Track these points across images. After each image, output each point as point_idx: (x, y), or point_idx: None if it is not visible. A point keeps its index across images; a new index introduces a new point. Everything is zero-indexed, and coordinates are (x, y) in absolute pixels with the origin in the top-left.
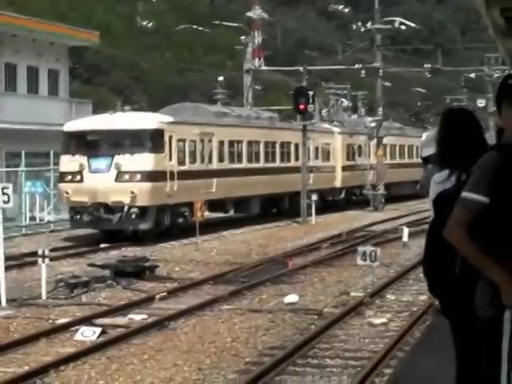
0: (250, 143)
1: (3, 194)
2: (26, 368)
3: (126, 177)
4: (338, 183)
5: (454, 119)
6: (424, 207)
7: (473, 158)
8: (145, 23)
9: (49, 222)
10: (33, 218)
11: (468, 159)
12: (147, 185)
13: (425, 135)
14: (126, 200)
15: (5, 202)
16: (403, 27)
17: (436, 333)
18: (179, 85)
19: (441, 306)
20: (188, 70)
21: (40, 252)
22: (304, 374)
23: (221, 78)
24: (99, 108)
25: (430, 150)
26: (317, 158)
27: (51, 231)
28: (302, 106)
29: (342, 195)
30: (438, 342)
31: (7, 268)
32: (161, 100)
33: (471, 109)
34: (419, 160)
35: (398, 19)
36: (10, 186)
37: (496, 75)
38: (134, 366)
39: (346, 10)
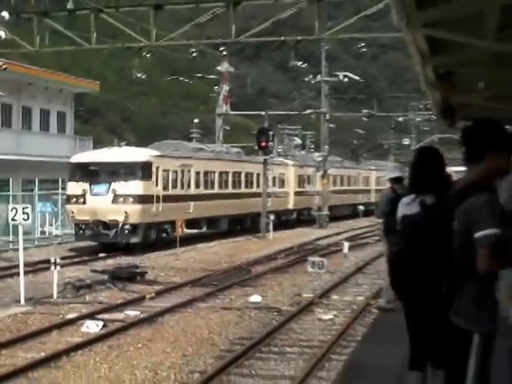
0: (220, 173)
1: (23, 213)
2: (43, 354)
3: (121, 200)
4: (290, 205)
5: (424, 155)
6: (358, 225)
7: (436, 185)
8: (139, 75)
9: (56, 235)
10: (43, 233)
11: (433, 187)
12: (138, 206)
13: (390, 165)
14: (121, 218)
15: (25, 220)
16: (346, 79)
17: (380, 327)
18: (161, 125)
19: (407, 307)
20: (169, 112)
21: (52, 260)
22: (268, 360)
23: (196, 120)
24: (97, 144)
25: (392, 174)
26: (274, 185)
27: (59, 243)
28: (263, 144)
29: (294, 215)
30: (383, 334)
31: (24, 273)
32: (146, 137)
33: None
34: (356, 187)
35: (342, 73)
36: (29, 206)
37: (418, 119)
38: (130, 352)
39: (303, 66)
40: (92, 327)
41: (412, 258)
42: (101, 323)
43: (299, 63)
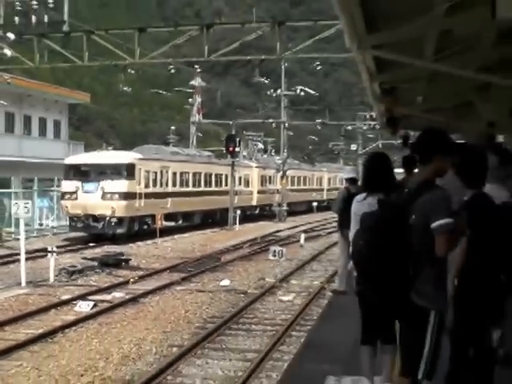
0: (194, 174)
1: (25, 207)
2: (41, 330)
3: (108, 196)
4: (254, 202)
5: (375, 159)
6: (313, 219)
7: (386, 185)
8: (124, 88)
9: (52, 227)
10: (41, 225)
11: (383, 186)
12: (123, 202)
13: (347, 167)
14: (108, 212)
15: (26, 213)
16: (302, 93)
17: (334, 308)
18: (142, 131)
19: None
20: (149, 121)
21: (49, 248)
22: (236, 336)
23: (172, 128)
24: (87, 148)
25: (348, 176)
26: (240, 184)
27: (54, 234)
28: (231, 148)
29: (257, 210)
30: (336, 314)
31: (25, 260)
32: (129, 142)
33: (344, 151)
34: (310, 186)
35: (299, 87)
36: (30, 202)
37: (364, 128)
38: (117, 329)
39: (266, 81)
40: (84, 307)
41: (375, 249)
42: (91, 303)
43: (262, 79)
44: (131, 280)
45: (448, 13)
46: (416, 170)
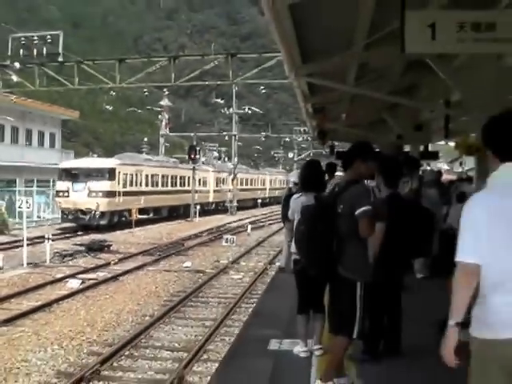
0: (162, 176)
1: (27, 202)
2: (40, 302)
3: (94, 194)
4: (211, 199)
5: (309, 164)
6: (258, 213)
7: (317, 186)
8: (107, 107)
9: (48, 219)
10: (39, 217)
11: (314, 187)
12: (105, 199)
13: (294, 171)
14: (93, 207)
15: (27, 208)
16: (249, 111)
17: (277, 283)
18: (121, 142)
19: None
20: (126, 133)
21: (46, 236)
22: (197, 307)
23: (145, 139)
24: (76, 155)
25: (292, 178)
26: (199, 185)
27: (49, 225)
28: (192, 156)
29: (213, 206)
30: (278, 289)
31: (26, 245)
32: (110, 151)
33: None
34: (256, 186)
35: (247, 106)
36: (31, 198)
37: (299, 139)
38: (101, 302)
39: (220, 101)
40: (74, 283)
41: (313, 233)
42: (80, 281)
43: (217, 100)
44: (112, 262)
45: (365, 48)
46: (337, 174)
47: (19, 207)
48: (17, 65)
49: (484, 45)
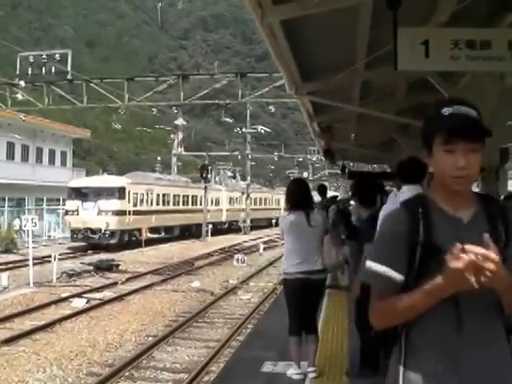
0: (174, 195)
1: (32, 221)
2: (43, 322)
3: (103, 213)
4: (224, 218)
5: (296, 183)
6: (272, 233)
7: (305, 204)
8: (117, 126)
9: (58, 238)
10: (49, 236)
11: (303, 205)
12: (115, 218)
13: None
14: (103, 226)
15: (33, 226)
16: (263, 131)
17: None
18: (135, 161)
19: None
20: (139, 153)
21: (53, 255)
22: (202, 327)
23: (158, 158)
24: (88, 174)
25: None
26: (212, 204)
27: (59, 243)
28: (204, 175)
29: (226, 225)
30: (278, 309)
31: (34, 264)
32: (124, 170)
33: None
34: (269, 206)
35: (260, 126)
36: (37, 217)
37: (313, 159)
38: (104, 322)
39: (231, 121)
40: (78, 303)
41: None
42: (85, 300)
43: (227, 119)
44: (119, 281)
45: (366, 66)
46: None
47: (24, 226)
48: (22, 83)
49: (479, 63)
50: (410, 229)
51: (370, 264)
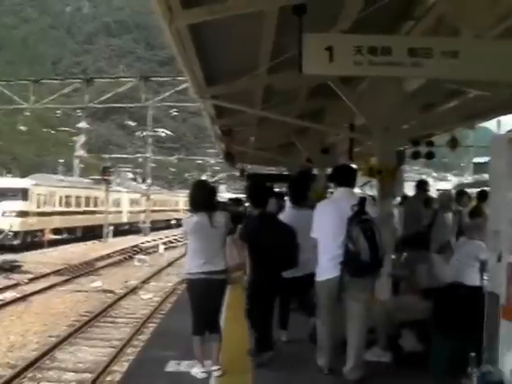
0: (76, 196)
1: None
2: None
3: (7, 214)
4: (125, 220)
5: (199, 185)
6: (171, 234)
7: (208, 206)
8: (21, 127)
9: None
10: None
11: (206, 206)
12: (18, 219)
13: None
14: (6, 227)
15: None
16: (164, 134)
17: (182, 302)
18: (38, 163)
19: None
20: (42, 155)
21: None
22: (105, 327)
23: (61, 160)
24: None
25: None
26: (113, 205)
27: None
28: (106, 177)
29: (127, 226)
30: (184, 308)
31: None
32: (27, 172)
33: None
34: (169, 207)
35: (162, 129)
36: None
37: (212, 161)
38: (7, 322)
39: (135, 125)
40: None
41: None
42: None
43: (130, 122)
44: (22, 282)
45: (269, 71)
46: None
47: None
48: None
49: (380, 68)
50: None
51: None
